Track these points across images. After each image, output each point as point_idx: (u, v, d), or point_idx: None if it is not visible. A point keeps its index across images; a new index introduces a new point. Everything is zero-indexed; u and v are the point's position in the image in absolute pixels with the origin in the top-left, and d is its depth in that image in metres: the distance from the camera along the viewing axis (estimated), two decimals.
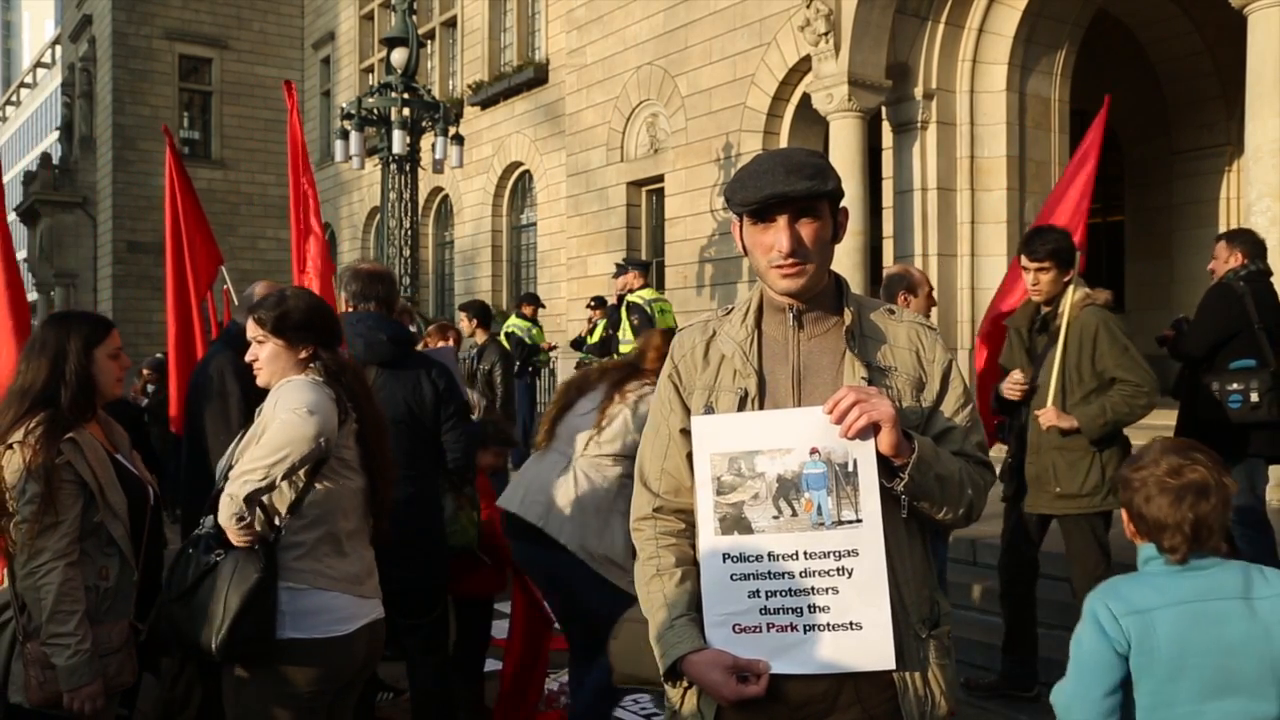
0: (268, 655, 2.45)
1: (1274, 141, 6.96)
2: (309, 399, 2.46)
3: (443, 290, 22.11)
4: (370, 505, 2.67)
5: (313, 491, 2.51)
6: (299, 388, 2.52)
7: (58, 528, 2.57)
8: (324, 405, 2.48)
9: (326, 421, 2.45)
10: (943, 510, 1.79)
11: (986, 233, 10.66)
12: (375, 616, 2.65)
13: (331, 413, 2.49)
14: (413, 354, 3.80)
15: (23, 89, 61.70)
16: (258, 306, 2.64)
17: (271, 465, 2.37)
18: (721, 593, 1.77)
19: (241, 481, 2.37)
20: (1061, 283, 4.25)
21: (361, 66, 24.59)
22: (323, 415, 2.44)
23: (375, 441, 2.66)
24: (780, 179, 1.73)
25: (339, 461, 2.56)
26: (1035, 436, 4.25)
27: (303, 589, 2.48)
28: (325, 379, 2.58)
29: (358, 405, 2.62)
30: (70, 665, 2.55)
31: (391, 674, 4.56)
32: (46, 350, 2.71)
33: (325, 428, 2.44)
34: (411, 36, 11.87)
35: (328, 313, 2.74)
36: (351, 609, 2.56)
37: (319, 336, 2.64)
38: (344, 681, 2.59)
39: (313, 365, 2.60)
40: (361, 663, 2.63)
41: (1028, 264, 4.27)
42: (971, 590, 5.59)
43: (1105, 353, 4.08)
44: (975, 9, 10.52)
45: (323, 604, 2.50)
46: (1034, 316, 4.38)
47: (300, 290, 2.80)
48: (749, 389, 1.83)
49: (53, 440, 2.59)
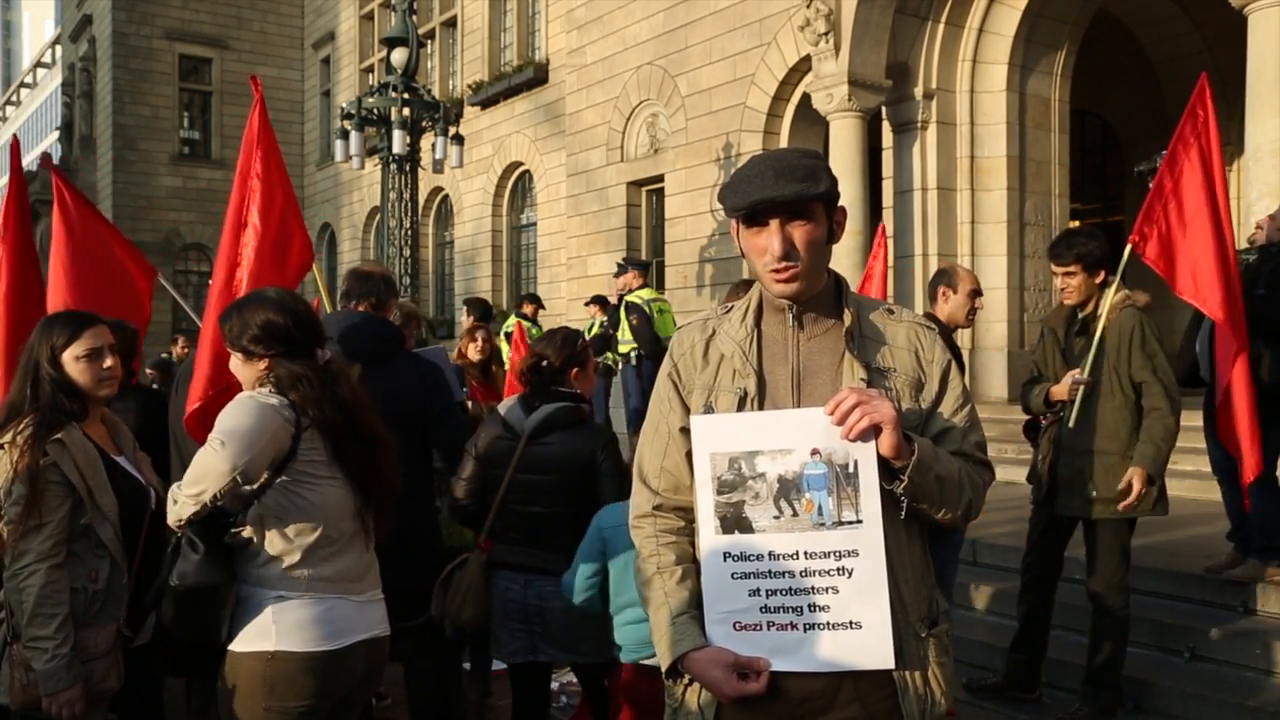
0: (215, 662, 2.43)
1: (1274, 141, 6.97)
2: (230, 425, 2.37)
3: (443, 290, 22.12)
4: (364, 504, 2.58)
5: (294, 498, 2.46)
6: (234, 408, 2.43)
7: (41, 530, 2.56)
8: (247, 432, 2.36)
9: (245, 450, 2.34)
10: (941, 510, 1.79)
11: (986, 233, 10.67)
12: (376, 633, 2.58)
13: (262, 435, 2.38)
14: (401, 352, 3.76)
15: (23, 89, 61.68)
16: (224, 318, 2.60)
17: (194, 494, 2.36)
18: (722, 591, 1.78)
19: (178, 506, 2.39)
20: (1095, 284, 4.25)
21: (361, 66, 24.60)
22: (239, 445, 2.33)
23: (347, 443, 2.54)
24: (769, 183, 1.73)
25: (309, 465, 2.47)
26: (1070, 439, 4.23)
27: (294, 598, 2.43)
28: (277, 390, 2.48)
29: (320, 409, 2.49)
30: (49, 669, 2.52)
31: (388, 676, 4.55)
32: (29, 355, 2.76)
33: (241, 458, 2.33)
34: (411, 36, 11.87)
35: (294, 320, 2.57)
36: (347, 621, 2.49)
37: (279, 348, 2.52)
38: (338, 697, 2.52)
39: (270, 377, 2.52)
40: (360, 679, 2.56)
41: (1055, 269, 4.32)
42: (972, 590, 5.59)
43: (1135, 354, 4.11)
44: (975, 9, 10.53)
45: (314, 615, 2.43)
46: (1070, 318, 4.40)
47: (265, 298, 2.64)
48: (748, 389, 1.83)
49: (38, 442, 2.59)
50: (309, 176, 26.94)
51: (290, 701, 2.44)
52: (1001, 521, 6.16)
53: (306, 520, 2.47)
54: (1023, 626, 4.56)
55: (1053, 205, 10.95)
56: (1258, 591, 4.80)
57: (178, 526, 2.41)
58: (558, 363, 3.45)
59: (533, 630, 3.31)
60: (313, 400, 2.50)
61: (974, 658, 4.94)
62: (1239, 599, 4.85)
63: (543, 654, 3.33)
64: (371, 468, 2.60)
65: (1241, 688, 4.32)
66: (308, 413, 2.48)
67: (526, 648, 3.33)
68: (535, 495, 3.32)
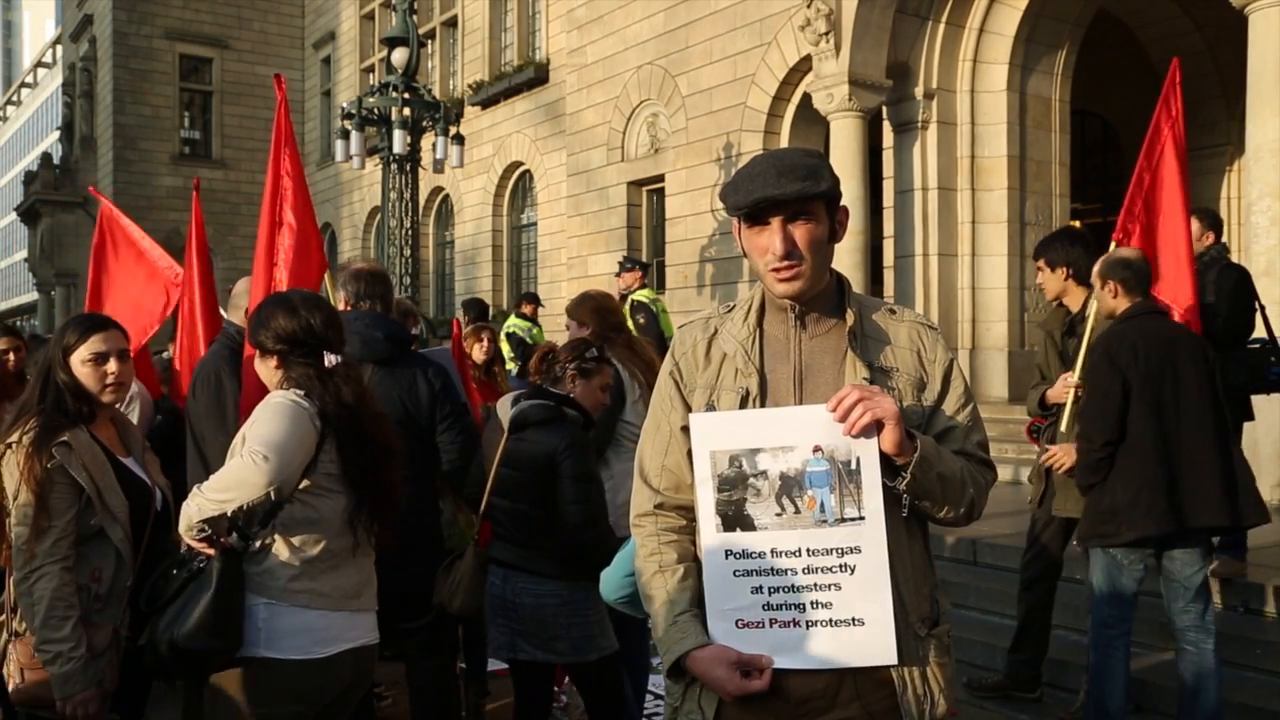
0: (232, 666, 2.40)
1: (1274, 141, 6.97)
2: (275, 438, 2.34)
3: (443, 290, 22.12)
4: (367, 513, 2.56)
5: (306, 508, 2.44)
6: (276, 416, 2.39)
7: (50, 532, 2.55)
8: (288, 445, 2.34)
9: (285, 466, 2.32)
10: (944, 509, 1.80)
11: (987, 232, 10.67)
12: (364, 642, 2.56)
13: (300, 447, 2.38)
14: (409, 354, 3.77)
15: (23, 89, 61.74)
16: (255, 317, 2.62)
17: (220, 501, 2.32)
18: (724, 588, 1.78)
19: (197, 505, 2.34)
20: (1062, 281, 4.32)
21: (362, 66, 24.59)
22: (281, 460, 2.31)
23: (359, 451, 2.53)
24: (771, 182, 1.73)
25: (324, 477, 2.47)
26: (1063, 441, 4.24)
27: (285, 607, 2.41)
28: (305, 393, 2.48)
29: (340, 416, 2.49)
30: (65, 672, 2.52)
31: (388, 676, 4.55)
32: (46, 356, 2.79)
33: (281, 474, 2.31)
34: (412, 36, 11.87)
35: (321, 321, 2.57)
36: (336, 630, 2.47)
37: (301, 348, 2.52)
38: (323, 704, 2.51)
39: (293, 377, 2.51)
40: (346, 686, 2.54)
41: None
42: (971, 590, 5.59)
43: None
44: (976, 9, 10.53)
45: (303, 624, 2.42)
46: (1065, 320, 4.44)
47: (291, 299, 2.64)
48: (750, 388, 1.83)
49: (44, 444, 2.59)
50: (309, 176, 26.77)
51: (277, 708, 2.43)
52: (1002, 521, 6.16)
53: (314, 532, 2.46)
54: (1022, 626, 4.56)
55: (1053, 205, 10.95)
56: (1258, 591, 4.80)
57: (189, 531, 2.37)
58: (569, 362, 3.50)
59: (513, 627, 3.34)
60: (338, 404, 2.50)
61: (974, 658, 4.94)
62: (1239, 599, 4.85)
63: (522, 652, 3.33)
64: (379, 479, 2.58)
65: (1242, 688, 4.32)
66: (329, 418, 2.48)
67: (508, 645, 3.37)
68: (511, 490, 3.35)
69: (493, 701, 4.58)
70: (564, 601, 3.26)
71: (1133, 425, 3.69)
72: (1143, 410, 3.67)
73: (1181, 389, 3.70)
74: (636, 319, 9.37)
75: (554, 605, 3.26)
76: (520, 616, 3.31)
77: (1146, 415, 3.67)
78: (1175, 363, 3.72)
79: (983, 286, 10.66)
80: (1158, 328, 3.82)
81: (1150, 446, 3.67)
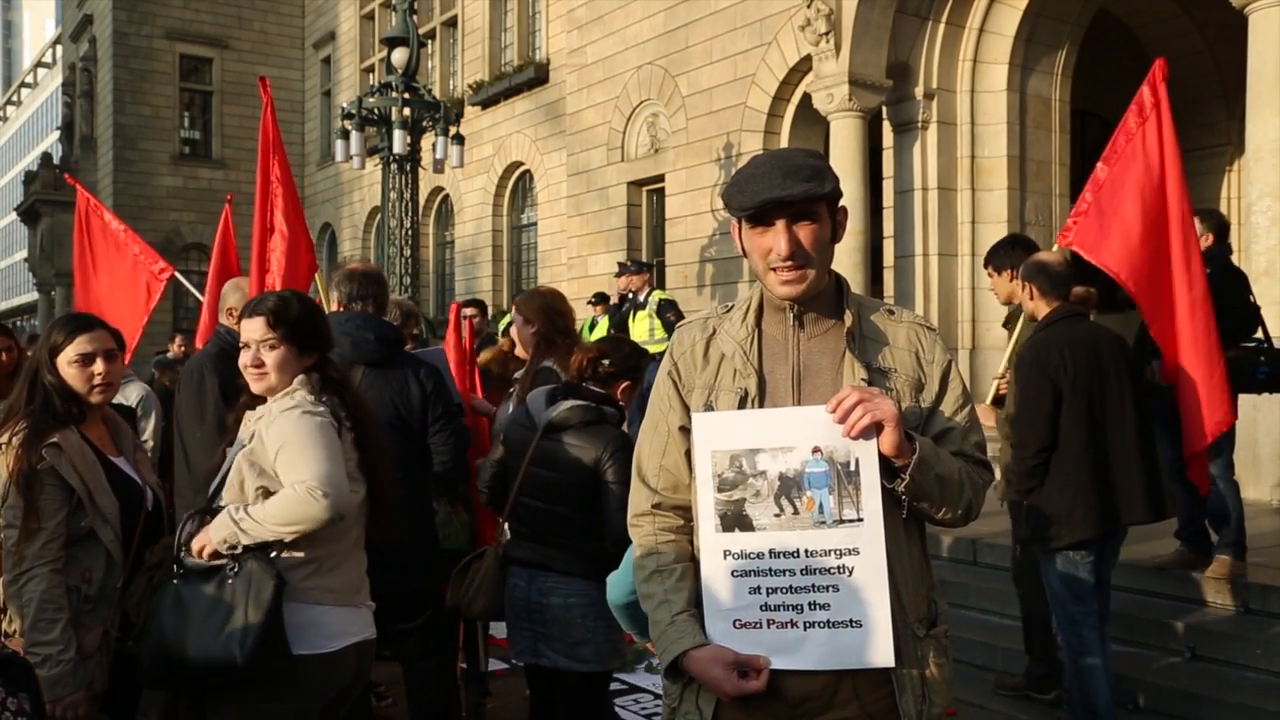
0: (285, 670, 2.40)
1: (1274, 141, 6.96)
2: (326, 470, 2.37)
3: (443, 290, 22.10)
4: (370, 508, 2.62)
5: None
6: (311, 440, 2.41)
7: (40, 534, 2.54)
8: (336, 472, 2.39)
9: (342, 494, 2.38)
10: (942, 510, 1.80)
11: (987, 232, 10.65)
12: (365, 636, 2.59)
13: (342, 465, 2.43)
14: (401, 354, 3.76)
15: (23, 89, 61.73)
16: (263, 308, 2.54)
17: (279, 530, 2.36)
18: (722, 589, 1.78)
19: (248, 525, 2.36)
20: (1009, 285, 4.41)
21: (362, 66, 24.59)
22: (338, 491, 2.37)
23: (374, 447, 2.61)
24: (777, 183, 1.73)
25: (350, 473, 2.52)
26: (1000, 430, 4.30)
27: (297, 604, 2.42)
28: (322, 392, 2.52)
29: (355, 414, 2.57)
30: (54, 675, 2.51)
31: (388, 675, 4.55)
32: (33, 356, 2.78)
33: (340, 503, 2.37)
34: (412, 36, 11.87)
35: (325, 319, 2.70)
36: (341, 624, 2.50)
37: (324, 345, 2.60)
38: (328, 699, 2.53)
39: (312, 375, 2.54)
40: (348, 680, 2.57)
41: None
42: (971, 590, 5.59)
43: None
44: (976, 9, 10.53)
45: (310, 619, 2.44)
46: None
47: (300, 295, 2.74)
48: (749, 389, 1.83)
49: (33, 445, 2.58)
50: (309, 176, 26.92)
51: (285, 703, 2.45)
52: (1001, 521, 6.14)
53: (333, 529, 2.46)
54: (1026, 625, 4.57)
55: (1053, 205, 10.95)
56: (1258, 591, 4.80)
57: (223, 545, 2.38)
58: (613, 369, 3.40)
59: (536, 630, 3.27)
60: (353, 403, 2.55)
61: (974, 658, 4.93)
62: (1239, 599, 4.85)
63: (544, 658, 3.25)
64: (382, 470, 2.63)
65: (1241, 688, 4.32)
66: (344, 421, 2.52)
67: (530, 649, 3.29)
68: (545, 491, 3.25)
69: (493, 701, 4.58)
70: (593, 602, 3.15)
71: (1065, 430, 3.76)
72: (1074, 415, 3.75)
73: (1109, 389, 3.78)
74: (666, 316, 9.33)
75: (583, 606, 3.18)
76: (546, 619, 3.23)
77: (1078, 419, 3.75)
78: (1100, 363, 3.80)
79: (983, 286, 10.64)
80: (1081, 330, 3.89)
81: (1083, 450, 3.75)
